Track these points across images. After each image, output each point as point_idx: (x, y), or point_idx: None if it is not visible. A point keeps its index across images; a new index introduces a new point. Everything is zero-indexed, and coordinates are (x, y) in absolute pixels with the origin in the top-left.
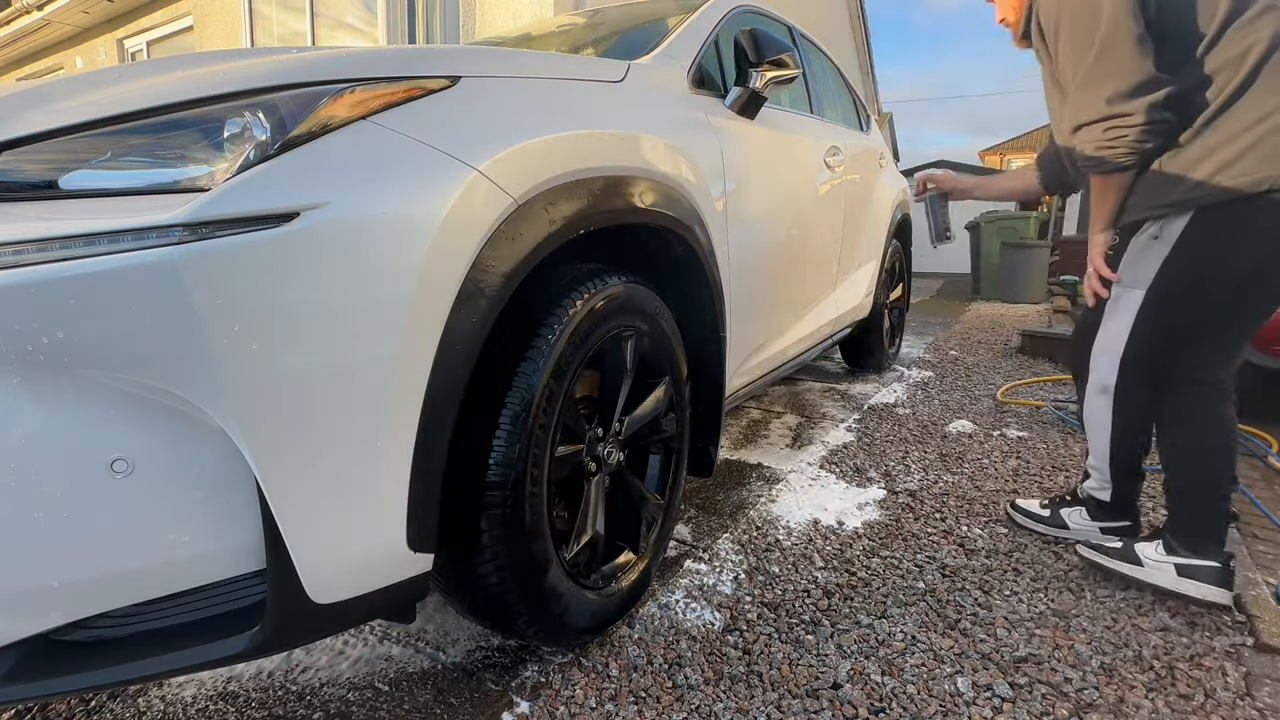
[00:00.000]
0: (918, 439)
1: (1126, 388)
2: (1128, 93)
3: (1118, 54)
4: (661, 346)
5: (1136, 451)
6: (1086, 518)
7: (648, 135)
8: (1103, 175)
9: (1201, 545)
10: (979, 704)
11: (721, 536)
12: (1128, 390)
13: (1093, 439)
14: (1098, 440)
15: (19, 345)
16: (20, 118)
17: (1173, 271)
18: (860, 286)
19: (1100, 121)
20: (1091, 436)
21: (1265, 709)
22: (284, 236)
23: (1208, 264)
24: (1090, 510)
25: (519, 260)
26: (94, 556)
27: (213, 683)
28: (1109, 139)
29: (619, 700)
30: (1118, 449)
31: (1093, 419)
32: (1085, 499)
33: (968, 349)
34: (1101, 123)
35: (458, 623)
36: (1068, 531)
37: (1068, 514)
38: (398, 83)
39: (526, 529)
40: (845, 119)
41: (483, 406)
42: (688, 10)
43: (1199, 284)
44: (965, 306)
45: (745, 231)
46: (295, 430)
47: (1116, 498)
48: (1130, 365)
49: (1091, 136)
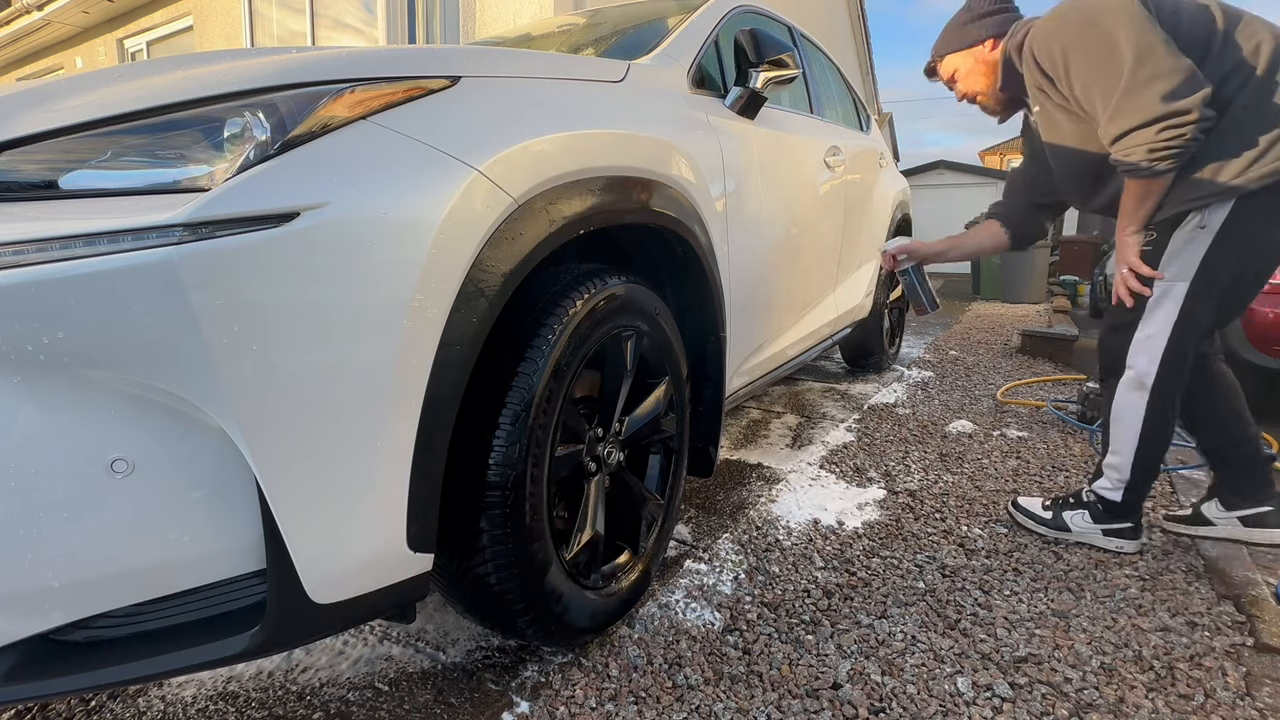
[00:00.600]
0: (918, 439)
1: (1166, 383)
2: (1179, 91)
3: (1157, 59)
4: (661, 346)
5: (1164, 448)
6: (1089, 520)
7: (648, 135)
8: (1150, 178)
9: (1255, 493)
10: (979, 704)
11: (721, 536)
12: (1167, 385)
13: (1120, 437)
14: (1125, 437)
15: (19, 345)
16: (20, 118)
17: (1219, 259)
18: (860, 286)
19: (1156, 123)
20: (1119, 434)
21: (1265, 709)
22: (284, 236)
23: (1250, 248)
24: (1094, 513)
25: (519, 260)
26: (94, 556)
27: (213, 683)
28: (1165, 138)
29: (619, 700)
30: (1146, 445)
31: (1123, 416)
32: (1090, 501)
33: (968, 349)
34: (1157, 124)
35: (458, 623)
36: (1069, 534)
37: (1070, 516)
38: (398, 83)
39: (526, 529)
40: (845, 119)
41: (483, 406)
42: (688, 10)
43: (1242, 269)
44: (965, 306)
45: (745, 231)
46: (295, 430)
47: (1128, 498)
48: (1171, 359)
49: (1144, 139)
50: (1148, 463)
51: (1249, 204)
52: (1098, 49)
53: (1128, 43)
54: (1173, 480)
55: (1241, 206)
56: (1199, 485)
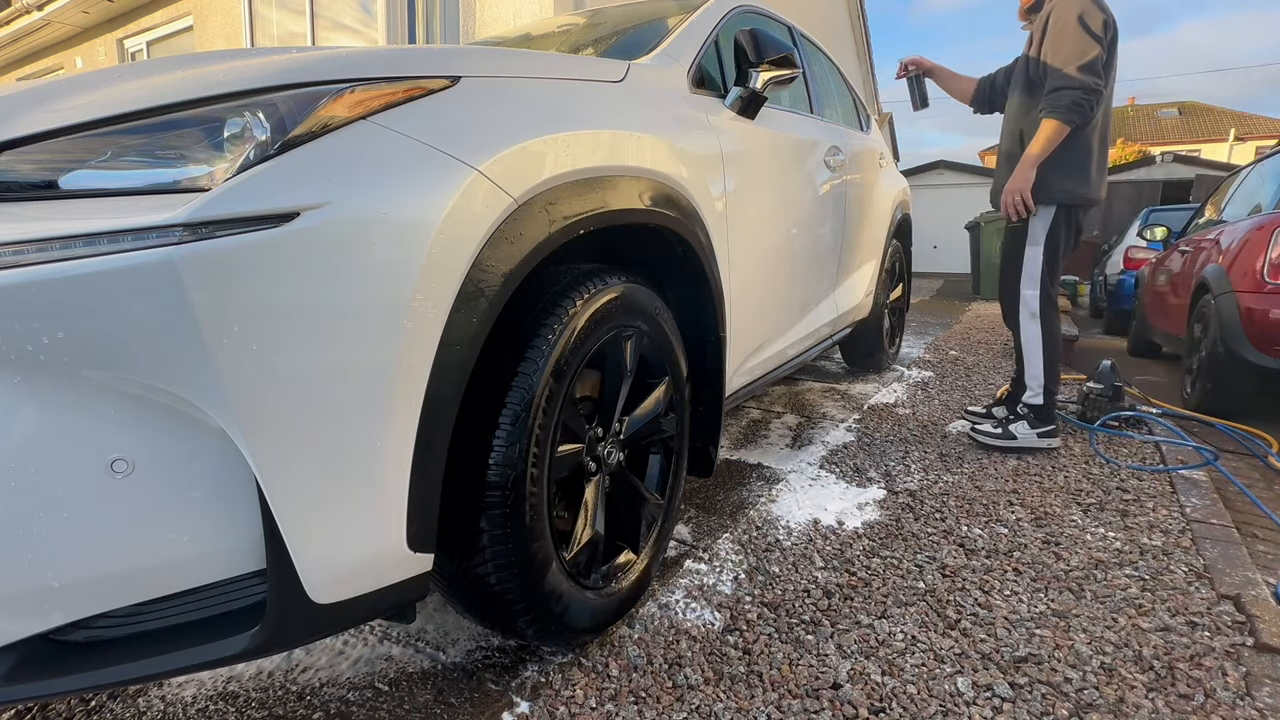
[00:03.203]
0: (918, 439)
1: (1045, 307)
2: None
3: (1098, 60)
4: (661, 346)
5: (1057, 352)
6: (1028, 428)
7: (648, 135)
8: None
9: None
10: (979, 704)
11: (721, 536)
12: (1046, 310)
13: (1031, 355)
14: (1033, 353)
15: (19, 345)
16: (20, 118)
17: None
18: (860, 286)
19: (1078, 88)
20: (1030, 354)
21: (1265, 709)
22: (284, 236)
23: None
24: (1029, 422)
25: (519, 260)
26: (94, 556)
27: (213, 683)
28: (1079, 100)
29: (619, 700)
30: (1048, 352)
31: (1028, 341)
32: (1025, 414)
33: (968, 349)
34: (1079, 89)
35: (458, 623)
36: (1015, 441)
37: (1014, 428)
38: (398, 83)
39: (526, 529)
40: (845, 119)
41: (483, 406)
42: (688, 10)
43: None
44: (965, 306)
45: (745, 231)
46: (295, 430)
47: (1047, 400)
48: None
49: (1072, 96)
50: (1053, 369)
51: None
52: (1073, 39)
53: (1088, 45)
54: (1173, 480)
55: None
56: (1199, 485)
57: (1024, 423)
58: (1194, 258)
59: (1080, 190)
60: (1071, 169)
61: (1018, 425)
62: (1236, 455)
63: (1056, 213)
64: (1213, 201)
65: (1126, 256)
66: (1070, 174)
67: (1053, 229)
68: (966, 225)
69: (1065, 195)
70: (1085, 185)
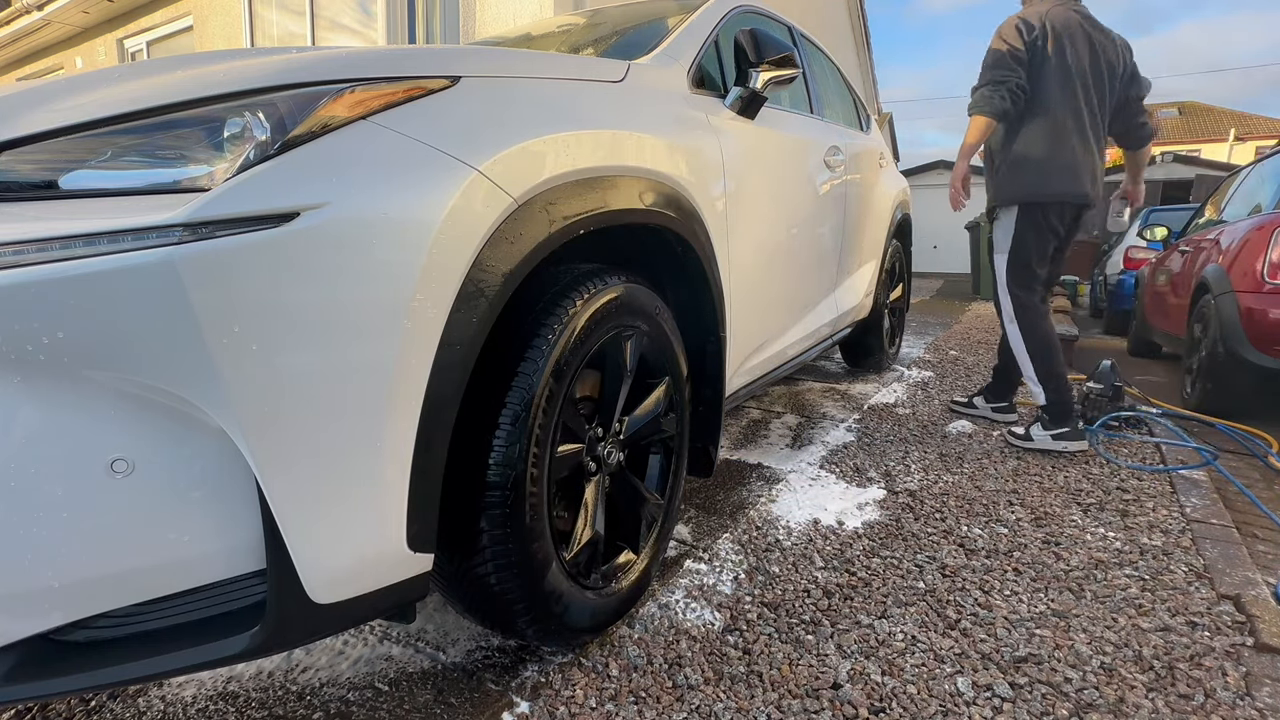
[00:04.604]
0: (918, 439)
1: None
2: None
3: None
4: (661, 346)
5: (1051, 354)
6: (1043, 429)
7: (648, 135)
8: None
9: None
10: (979, 704)
11: (721, 536)
12: (1025, 315)
13: (1021, 360)
14: (1021, 359)
15: (19, 345)
16: (20, 118)
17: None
18: (860, 286)
19: (986, 84)
20: (1021, 360)
21: (1265, 709)
22: (284, 236)
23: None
24: (1043, 423)
25: (519, 260)
26: (94, 556)
27: (213, 683)
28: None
29: (619, 700)
30: (1036, 357)
31: (1014, 346)
32: (1039, 416)
33: (968, 349)
34: (986, 85)
35: (458, 623)
36: (1033, 443)
37: (1033, 430)
38: (398, 83)
39: (526, 529)
40: (845, 119)
41: (483, 406)
42: (688, 10)
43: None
44: (965, 306)
45: (745, 231)
46: (295, 430)
47: (1051, 399)
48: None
49: (979, 92)
50: (1045, 368)
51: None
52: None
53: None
54: (1173, 480)
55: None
56: (1199, 485)
57: (1039, 424)
58: (1194, 258)
59: (1038, 186)
60: (1025, 166)
61: (1034, 427)
62: (1236, 455)
63: (1018, 214)
64: (1213, 201)
65: (1126, 256)
66: (1024, 171)
67: (1018, 232)
68: (966, 225)
69: (1022, 192)
70: (1043, 181)
